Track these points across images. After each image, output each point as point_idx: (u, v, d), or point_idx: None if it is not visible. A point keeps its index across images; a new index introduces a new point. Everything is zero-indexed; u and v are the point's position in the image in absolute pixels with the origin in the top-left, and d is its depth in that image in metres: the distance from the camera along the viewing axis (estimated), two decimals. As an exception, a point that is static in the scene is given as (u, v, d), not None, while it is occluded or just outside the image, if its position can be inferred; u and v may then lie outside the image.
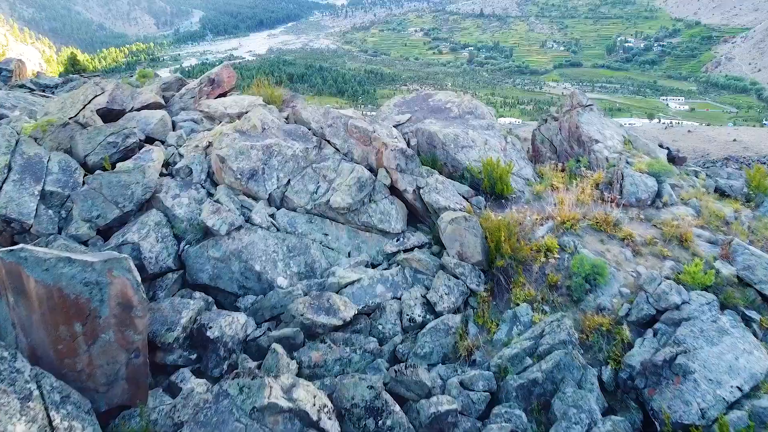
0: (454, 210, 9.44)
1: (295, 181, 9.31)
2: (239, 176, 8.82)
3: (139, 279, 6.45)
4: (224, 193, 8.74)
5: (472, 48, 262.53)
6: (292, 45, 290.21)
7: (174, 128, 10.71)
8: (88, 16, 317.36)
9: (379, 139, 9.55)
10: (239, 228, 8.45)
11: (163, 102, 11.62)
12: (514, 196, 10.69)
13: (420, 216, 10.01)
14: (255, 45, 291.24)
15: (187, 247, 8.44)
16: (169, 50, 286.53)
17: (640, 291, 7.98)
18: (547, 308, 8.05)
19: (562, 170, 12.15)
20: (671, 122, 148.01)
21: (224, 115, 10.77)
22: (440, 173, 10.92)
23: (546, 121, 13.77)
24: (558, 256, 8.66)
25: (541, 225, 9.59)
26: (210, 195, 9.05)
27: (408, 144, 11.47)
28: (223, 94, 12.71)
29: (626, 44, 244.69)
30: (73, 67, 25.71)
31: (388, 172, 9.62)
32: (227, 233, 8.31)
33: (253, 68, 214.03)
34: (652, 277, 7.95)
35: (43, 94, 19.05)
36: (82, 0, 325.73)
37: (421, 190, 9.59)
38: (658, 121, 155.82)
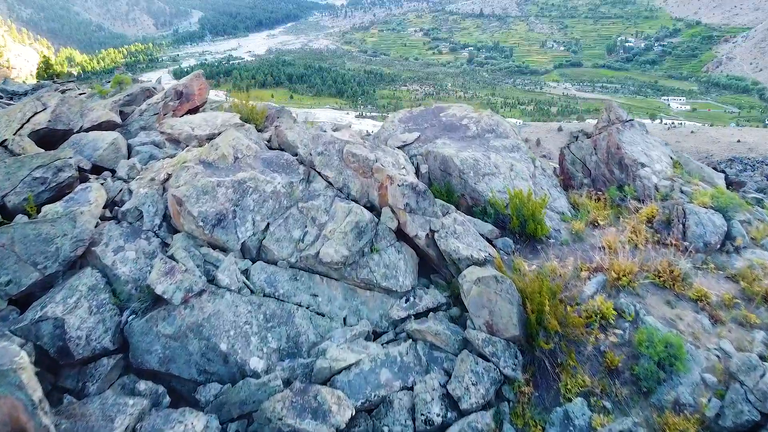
0: (479, 260, 7.43)
1: (275, 225, 7.29)
2: (201, 223, 6.79)
3: (37, 396, 4.45)
4: (181, 246, 6.71)
5: (471, 48, 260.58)
6: (291, 45, 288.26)
7: (130, 154, 8.68)
8: (86, 16, 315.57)
9: (383, 171, 7.52)
10: (200, 293, 6.43)
11: (118, 120, 9.59)
12: (548, 236, 8.68)
13: (434, 264, 8.00)
14: (254, 45, 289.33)
15: (132, 318, 6.41)
16: (168, 51, 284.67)
17: (732, 381, 5.97)
18: (608, 404, 6.03)
19: (601, 199, 10.15)
20: (673, 123, 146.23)
21: (191, 138, 8.74)
22: (457, 207, 8.91)
23: (576, 138, 11.74)
24: (617, 329, 6.64)
25: (589, 279, 7.58)
26: (166, 246, 7.02)
27: (417, 170, 9.45)
28: (194, 110, 10.65)
29: (627, 44, 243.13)
30: (45, 72, 23.66)
31: (394, 212, 7.61)
32: (183, 302, 6.29)
33: (253, 68, 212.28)
34: (749, 363, 5.93)
35: (9, 102, 17.02)
36: (80, 0, 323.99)
37: (436, 234, 7.58)
38: (660, 121, 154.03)
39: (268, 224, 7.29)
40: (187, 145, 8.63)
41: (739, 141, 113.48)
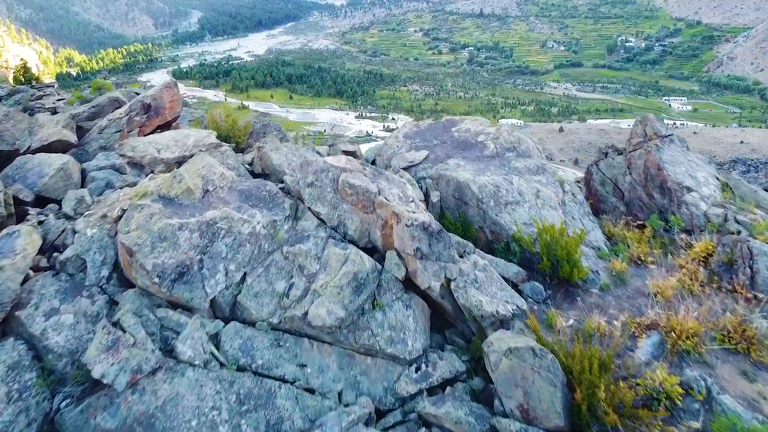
0: (506, 317, 6.01)
1: (254, 276, 5.85)
2: (158, 279, 5.35)
3: None
4: (131, 309, 5.27)
5: (471, 48, 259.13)
6: (290, 45, 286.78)
7: (84, 181, 7.24)
8: (86, 16, 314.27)
9: (388, 206, 6.08)
10: (154, 372, 4.99)
11: (73, 139, 8.13)
12: (584, 279, 7.24)
13: (449, 317, 6.58)
14: (254, 45, 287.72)
15: (65, 405, 4.97)
16: (167, 51, 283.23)
17: None
18: None
19: (641, 227, 8.73)
20: (675, 123, 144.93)
21: (156, 161, 7.28)
22: (475, 243, 7.48)
23: (606, 155, 10.30)
24: (687, 414, 5.21)
25: (642, 337, 6.15)
26: (115, 304, 5.59)
27: (426, 196, 8.01)
28: (165, 126, 9.18)
29: (627, 44, 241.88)
30: (23, 76, 22.18)
31: (401, 256, 6.17)
32: (131, 385, 4.85)
33: (252, 69, 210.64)
34: None
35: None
36: (80, 1, 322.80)
37: (453, 284, 6.15)
38: (661, 122, 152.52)
39: (245, 275, 5.86)
40: (153, 171, 7.19)
41: (742, 142, 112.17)
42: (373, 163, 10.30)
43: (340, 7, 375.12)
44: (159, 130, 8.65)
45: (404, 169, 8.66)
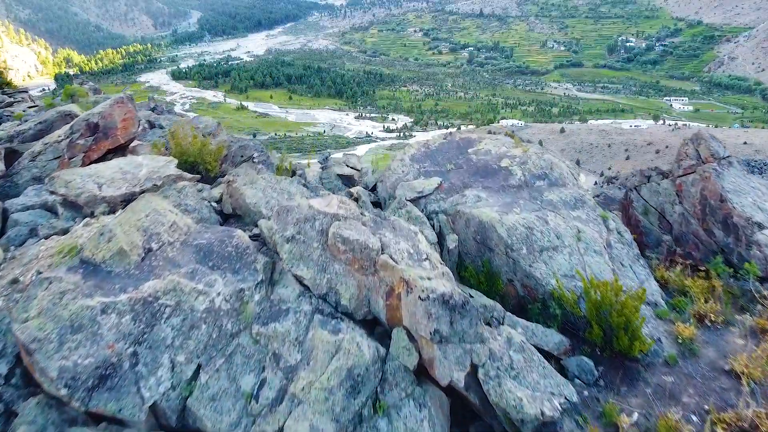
0: (553, 417, 4.43)
1: (211, 370, 4.26)
2: (67, 389, 3.76)
3: None
4: (32, 430, 3.67)
5: (471, 48, 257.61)
6: (290, 45, 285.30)
7: (4, 226, 5.65)
8: (85, 17, 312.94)
9: (395, 269, 4.49)
10: None
11: (-1, 168, 6.51)
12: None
13: (475, 408, 4.99)
14: (253, 46, 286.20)
15: None
16: (166, 51, 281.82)
17: None
18: None
19: (696, 268, 7.15)
20: (677, 124, 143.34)
21: (96, 201, 5.62)
22: (503, 301, 5.91)
23: (649, 179, 8.72)
24: None
25: (734, 446, 4.57)
26: (14, 417, 3.99)
27: (439, 237, 6.43)
28: (120, 149, 7.51)
29: (627, 44, 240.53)
30: (-5, 81, 20.56)
31: (412, 337, 4.58)
32: None
33: (252, 69, 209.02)
34: None
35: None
36: (79, 1, 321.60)
37: (482, 371, 4.57)
38: (663, 122, 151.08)
39: (199, 368, 4.27)
40: (92, 213, 5.59)
41: (745, 143, 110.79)
42: (374, 189, 8.72)
43: (339, 7, 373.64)
44: (111, 156, 7.03)
45: (412, 201, 7.06)
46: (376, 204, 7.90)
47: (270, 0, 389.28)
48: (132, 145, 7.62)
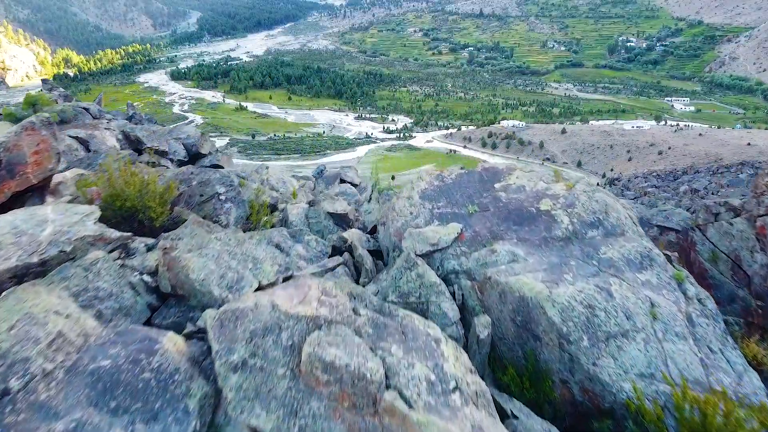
0: None
1: None
2: None
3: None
4: None
5: (471, 48, 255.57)
6: (290, 46, 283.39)
7: None
8: (84, 17, 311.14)
9: (406, 418, 2.73)
10: None
11: None
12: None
13: None
14: (253, 46, 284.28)
15: None
16: (165, 51, 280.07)
17: None
18: None
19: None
20: (679, 125, 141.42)
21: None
22: (554, 412, 4.16)
23: (717, 216, 6.96)
24: None
25: None
26: None
27: (462, 311, 4.66)
28: (35, 190, 5.63)
29: (628, 44, 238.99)
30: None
31: None
32: None
33: (251, 69, 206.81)
34: None
35: None
36: (78, 1, 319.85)
37: None
38: (664, 123, 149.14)
39: None
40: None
41: (749, 144, 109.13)
42: (373, 231, 6.96)
43: (339, 7, 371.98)
44: (20, 203, 5.17)
45: (423, 255, 5.31)
46: (375, 252, 6.13)
47: (270, 0, 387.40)
48: (55, 182, 5.79)
